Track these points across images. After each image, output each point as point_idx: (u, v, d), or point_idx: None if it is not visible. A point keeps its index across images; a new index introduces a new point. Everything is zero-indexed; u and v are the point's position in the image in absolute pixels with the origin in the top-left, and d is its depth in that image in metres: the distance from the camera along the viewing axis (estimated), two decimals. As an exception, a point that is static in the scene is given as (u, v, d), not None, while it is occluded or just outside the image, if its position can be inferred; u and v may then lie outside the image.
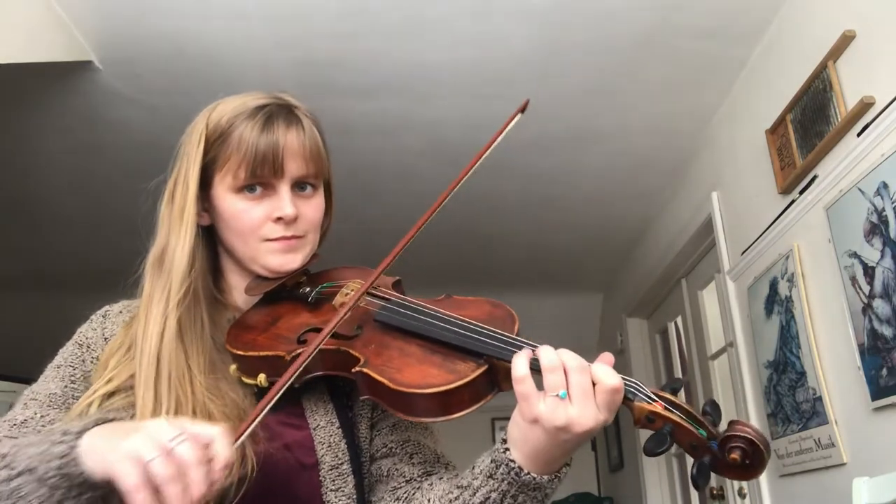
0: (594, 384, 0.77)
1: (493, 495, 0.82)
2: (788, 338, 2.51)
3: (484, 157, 1.00)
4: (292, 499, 0.91)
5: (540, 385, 0.78)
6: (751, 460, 0.74)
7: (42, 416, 0.90)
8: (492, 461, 0.82)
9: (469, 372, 0.81)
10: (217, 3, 2.38)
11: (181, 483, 0.68)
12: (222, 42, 2.55)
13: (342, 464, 0.93)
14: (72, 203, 3.66)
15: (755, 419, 2.83)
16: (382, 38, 2.56)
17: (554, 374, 0.77)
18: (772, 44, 2.62)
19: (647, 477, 4.51)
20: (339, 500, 0.92)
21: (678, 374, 4.27)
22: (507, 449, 0.81)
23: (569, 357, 0.78)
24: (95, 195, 3.56)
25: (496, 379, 0.83)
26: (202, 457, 0.70)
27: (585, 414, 0.77)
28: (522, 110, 1.04)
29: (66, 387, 0.94)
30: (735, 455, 0.74)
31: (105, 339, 0.99)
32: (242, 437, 0.75)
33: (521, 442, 0.80)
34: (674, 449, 4.18)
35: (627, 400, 0.78)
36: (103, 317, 1.03)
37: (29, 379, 1.00)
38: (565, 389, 0.77)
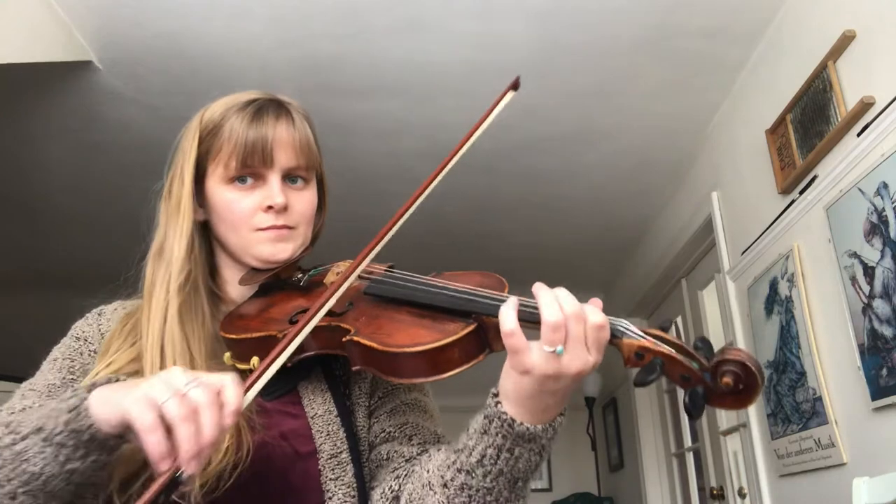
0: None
1: (490, 451, 0.80)
2: (788, 338, 2.51)
3: (476, 135, 0.98)
4: (288, 488, 0.91)
5: (530, 335, 0.77)
6: (744, 384, 0.73)
7: (41, 406, 0.90)
8: (484, 417, 0.81)
9: (458, 330, 0.80)
10: (217, 3, 2.38)
11: (193, 424, 0.69)
12: (222, 42, 2.55)
13: (341, 452, 0.94)
14: (72, 203, 3.66)
15: (755, 419, 2.83)
16: (382, 38, 2.56)
17: (557, 331, 0.74)
18: (772, 44, 2.62)
19: (647, 477, 4.51)
20: (339, 489, 0.92)
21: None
22: (498, 402, 0.80)
23: (568, 303, 0.76)
24: (95, 195, 3.56)
25: (486, 337, 0.82)
26: (214, 400, 0.71)
27: (576, 359, 0.75)
28: (514, 87, 1.03)
29: (64, 378, 0.95)
30: (728, 379, 0.72)
31: (101, 334, 1.01)
32: (252, 388, 0.76)
33: (512, 392, 0.79)
34: (674, 447, 4.13)
35: (615, 338, 0.77)
36: (98, 314, 1.05)
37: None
38: (563, 345, 0.75)
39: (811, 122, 2.35)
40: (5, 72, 2.30)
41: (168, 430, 0.70)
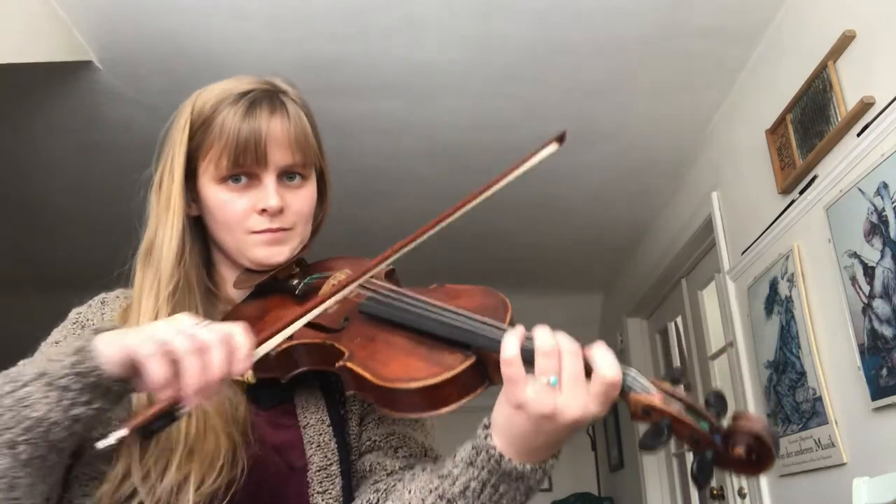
0: (590, 371, 0.73)
1: (473, 484, 0.76)
2: (788, 338, 2.51)
3: (503, 184, 0.96)
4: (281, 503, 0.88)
5: (528, 369, 0.74)
6: (757, 455, 0.68)
7: (41, 354, 0.86)
8: (472, 447, 0.78)
9: (456, 364, 0.77)
10: (218, 3, 2.38)
11: (200, 359, 0.68)
12: (222, 42, 2.55)
13: (331, 464, 0.90)
14: (72, 203, 3.66)
15: (755, 419, 2.83)
16: (382, 38, 2.56)
17: (549, 358, 0.72)
18: (772, 44, 2.62)
19: (647, 477, 4.51)
20: (326, 502, 0.88)
21: (678, 374, 4.27)
22: (488, 435, 0.76)
23: (563, 340, 0.73)
24: (95, 195, 3.56)
25: (486, 371, 0.78)
26: (223, 341, 0.70)
27: (574, 403, 0.72)
28: (560, 141, 0.97)
29: None
30: (740, 450, 0.68)
31: None
32: (264, 345, 0.76)
33: (504, 427, 0.75)
34: (674, 448, 4.12)
35: (623, 393, 0.73)
36: (101, 303, 1.00)
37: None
38: (557, 376, 0.72)
39: (811, 122, 2.35)
40: (5, 72, 2.30)
41: (174, 364, 0.69)
